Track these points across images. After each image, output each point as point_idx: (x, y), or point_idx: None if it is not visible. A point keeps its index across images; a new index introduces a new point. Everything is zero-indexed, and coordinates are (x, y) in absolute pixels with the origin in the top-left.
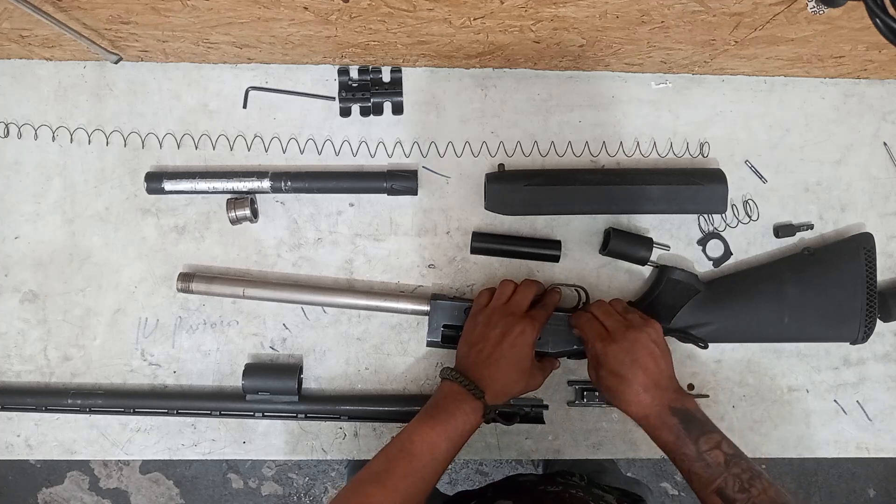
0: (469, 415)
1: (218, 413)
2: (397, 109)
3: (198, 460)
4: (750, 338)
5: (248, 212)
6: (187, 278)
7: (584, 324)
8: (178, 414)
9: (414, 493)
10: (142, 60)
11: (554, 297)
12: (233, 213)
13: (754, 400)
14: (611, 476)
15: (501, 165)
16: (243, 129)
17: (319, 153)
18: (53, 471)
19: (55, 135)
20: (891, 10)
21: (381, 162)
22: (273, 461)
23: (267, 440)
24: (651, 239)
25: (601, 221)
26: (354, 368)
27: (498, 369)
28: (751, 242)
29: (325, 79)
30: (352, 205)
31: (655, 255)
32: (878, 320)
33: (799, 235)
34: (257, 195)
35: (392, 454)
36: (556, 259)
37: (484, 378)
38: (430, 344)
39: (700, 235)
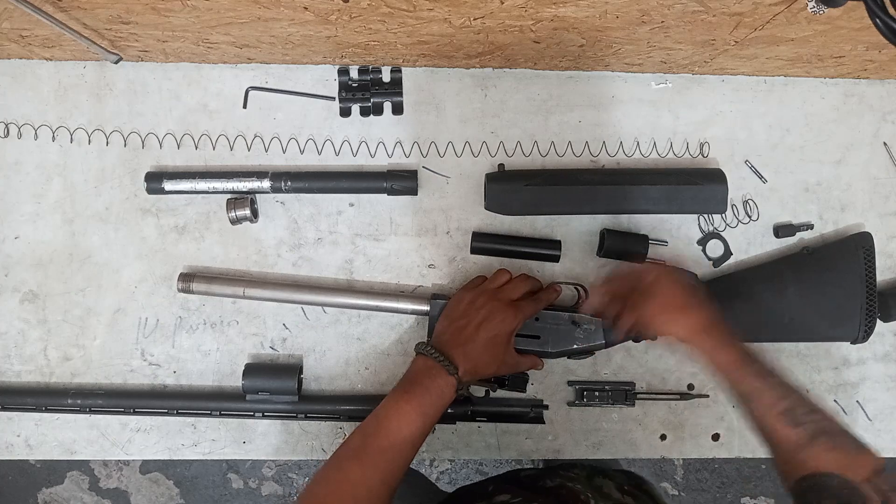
0: (443, 389)
1: (218, 413)
2: (397, 109)
3: (198, 460)
4: (750, 338)
5: (248, 212)
6: (188, 278)
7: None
8: (178, 414)
9: (392, 469)
10: (142, 60)
11: (550, 294)
12: (233, 213)
13: None
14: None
15: (501, 165)
16: (243, 129)
17: (319, 153)
18: (53, 471)
19: (55, 135)
20: (891, 10)
21: (381, 162)
22: (273, 461)
23: (267, 440)
24: (646, 236)
25: (601, 221)
26: (354, 368)
27: (474, 349)
28: (751, 242)
29: (325, 79)
30: (352, 205)
31: (655, 252)
32: (878, 320)
33: (799, 235)
34: (257, 195)
35: (369, 430)
36: (556, 259)
37: (458, 355)
38: None
39: (700, 235)
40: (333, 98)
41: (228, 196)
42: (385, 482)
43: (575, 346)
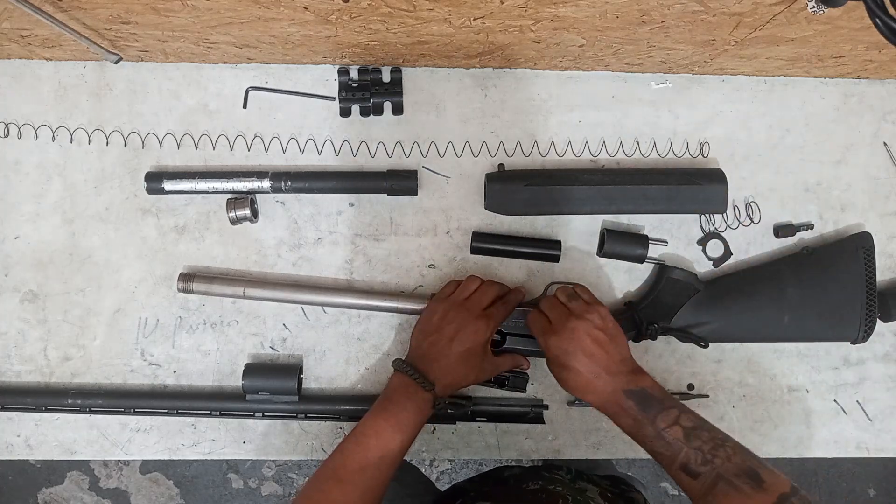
0: (420, 405)
1: (218, 413)
2: (397, 109)
3: (198, 460)
4: (750, 337)
5: (248, 212)
6: (188, 278)
7: (532, 321)
8: (178, 414)
9: (371, 486)
10: (142, 60)
11: (517, 295)
12: (233, 213)
13: (754, 400)
14: (604, 471)
15: (501, 165)
16: (243, 129)
17: (319, 153)
18: (53, 471)
19: (55, 135)
20: (891, 10)
21: (381, 162)
22: (273, 461)
23: (267, 440)
24: (646, 236)
25: (601, 221)
26: (354, 368)
27: (448, 364)
28: (751, 242)
29: (325, 79)
30: (352, 205)
31: (656, 251)
32: (878, 320)
33: (799, 235)
34: (257, 195)
35: (348, 449)
36: (556, 259)
37: (433, 371)
38: None
39: (700, 235)
40: (333, 98)
41: (228, 196)
42: (365, 500)
43: None
